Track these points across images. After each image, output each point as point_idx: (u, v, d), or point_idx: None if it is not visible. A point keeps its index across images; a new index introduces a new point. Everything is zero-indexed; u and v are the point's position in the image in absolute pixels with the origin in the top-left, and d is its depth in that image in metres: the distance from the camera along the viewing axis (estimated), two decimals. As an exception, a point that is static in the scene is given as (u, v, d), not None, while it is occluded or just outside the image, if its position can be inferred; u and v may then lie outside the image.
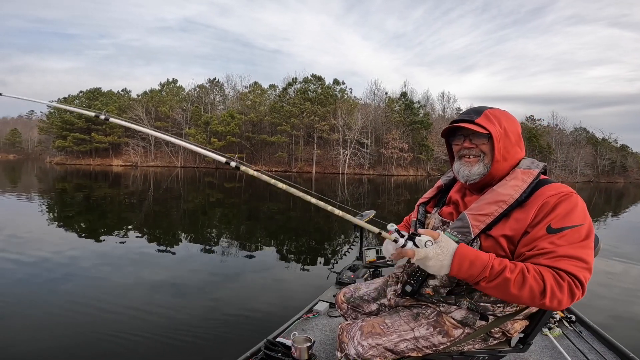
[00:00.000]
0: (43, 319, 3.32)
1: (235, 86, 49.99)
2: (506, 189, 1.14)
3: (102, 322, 3.28)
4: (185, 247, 6.33)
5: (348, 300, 1.55)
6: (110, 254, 5.63)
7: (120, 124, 1.27)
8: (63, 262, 5.07)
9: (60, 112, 45.96)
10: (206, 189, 19.61)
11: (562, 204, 1.06)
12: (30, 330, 3.09)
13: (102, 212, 10.46)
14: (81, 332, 3.10)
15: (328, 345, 2.07)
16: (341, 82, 45.40)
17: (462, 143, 1.23)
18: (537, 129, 46.74)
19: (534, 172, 1.16)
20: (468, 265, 1.02)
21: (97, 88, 48.40)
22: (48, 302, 3.70)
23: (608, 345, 2.11)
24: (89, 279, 4.44)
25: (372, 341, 1.21)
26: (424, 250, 1.03)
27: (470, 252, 1.04)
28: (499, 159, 1.17)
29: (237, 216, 10.73)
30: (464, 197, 1.30)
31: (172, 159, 44.17)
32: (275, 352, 1.81)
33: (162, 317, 3.48)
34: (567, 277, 0.99)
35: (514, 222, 1.09)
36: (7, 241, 6.15)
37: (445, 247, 1.04)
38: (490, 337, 1.26)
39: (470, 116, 1.21)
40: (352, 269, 2.99)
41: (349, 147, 41.04)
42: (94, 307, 3.60)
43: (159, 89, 47.91)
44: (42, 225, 7.78)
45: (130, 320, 3.38)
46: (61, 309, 3.53)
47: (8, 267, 4.79)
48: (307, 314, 2.42)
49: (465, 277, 1.04)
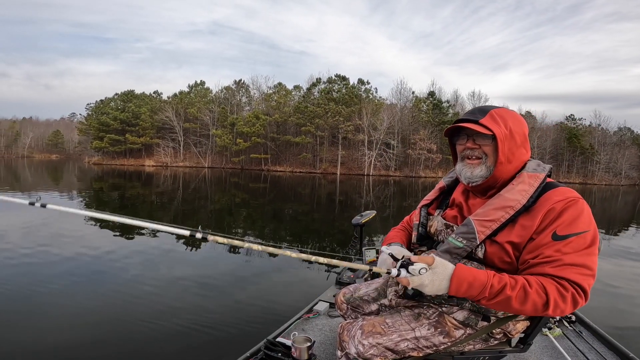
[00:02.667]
0: (70, 307, 3.49)
1: (260, 87, 50.81)
2: (513, 194, 1.10)
3: (105, 320, 3.34)
4: (203, 249, 6.42)
5: (348, 300, 1.54)
6: (126, 251, 5.82)
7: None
8: (96, 257, 5.31)
9: (98, 114, 48.55)
10: (232, 189, 19.99)
11: (568, 210, 1.04)
12: (64, 319, 3.33)
13: (135, 211, 10.89)
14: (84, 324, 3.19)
15: (328, 345, 2.08)
16: (366, 82, 44.97)
17: (465, 143, 1.20)
18: (578, 129, 44.02)
19: (541, 176, 1.13)
20: (466, 287, 1.02)
21: (130, 90, 50.67)
22: (78, 292, 3.87)
23: (608, 345, 2.11)
24: (95, 276, 4.60)
25: (372, 340, 1.20)
26: (418, 278, 1.02)
27: (468, 274, 1.03)
28: (503, 161, 1.14)
29: (261, 217, 10.83)
30: (468, 199, 1.27)
31: (200, 159, 45.49)
32: (275, 352, 1.80)
33: (162, 316, 3.51)
34: (571, 287, 0.98)
35: (520, 229, 1.07)
36: (52, 238, 6.56)
37: (442, 271, 1.03)
38: (491, 337, 1.25)
39: (475, 115, 1.18)
40: (352, 269, 2.96)
41: (375, 148, 40.49)
42: (96, 304, 3.69)
43: (188, 90, 49.50)
44: (81, 223, 8.21)
45: (131, 319, 3.42)
46: (88, 299, 3.68)
47: (52, 260, 5.11)
48: (307, 314, 2.43)
49: (465, 297, 1.04)
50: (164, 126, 46.01)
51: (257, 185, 22.66)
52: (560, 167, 41.88)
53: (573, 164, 41.55)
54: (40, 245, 5.91)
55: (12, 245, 5.86)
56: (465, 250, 1.13)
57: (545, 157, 40.32)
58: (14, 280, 4.34)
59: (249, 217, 10.69)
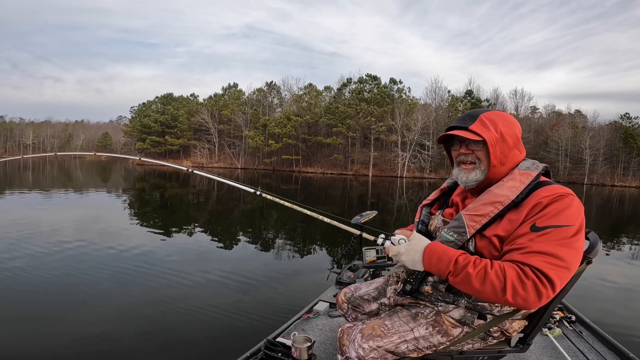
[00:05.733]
0: (106, 298, 3.62)
1: (291, 88, 51.42)
2: (503, 190, 1.14)
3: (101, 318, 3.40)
4: (203, 249, 6.44)
5: (348, 300, 1.57)
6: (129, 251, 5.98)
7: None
8: (134, 252, 5.52)
9: (140, 117, 51.53)
10: (263, 190, 20.27)
11: (553, 204, 1.05)
12: (104, 310, 3.52)
13: (173, 210, 11.36)
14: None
15: (328, 345, 2.08)
16: (398, 81, 44.02)
17: (459, 149, 1.23)
18: (634, 129, 40.14)
19: (533, 174, 1.15)
20: (436, 260, 1.10)
21: (169, 93, 53.38)
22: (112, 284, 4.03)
23: (608, 345, 2.11)
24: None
25: (372, 343, 1.21)
26: (397, 247, 1.17)
27: (439, 248, 1.12)
28: (496, 164, 1.17)
29: (291, 219, 10.84)
30: (465, 199, 1.32)
31: (234, 160, 46.86)
32: (275, 352, 1.81)
33: (162, 316, 3.52)
34: (533, 274, 0.97)
35: (507, 223, 1.10)
36: (100, 234, 6.97)
37: (416, 244, 1.16)
38: (489, 336, 1.26)
39: (465, 122, 1.21)
40: (352, 269, 3.00)
41: (409, 149, 39.45)
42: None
43: (222, 93, 51.18)
44: (125, 220, 8.68)
45: (133, 319, 3.45)
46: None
47: (98, 255, 5.42)
48: (307, 314, 2.43)
49: (436, 272, 1.11)
50: (200, 128, 47.93)
51: (288, 186, 22.87)
52: (615, 169, 38.33)
53: (629, 166, 37.82)
54: (91, 240, 6.26)
55: (69, 239, 6.28)
56: (456, 244, 1.15)
57: (598, 158, 37.17)
58: (69, 271, 4.63)
59: (279, 218, 10.75)
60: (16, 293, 3.99)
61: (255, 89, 50.40)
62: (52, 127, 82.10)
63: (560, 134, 39.35)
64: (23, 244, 5.99)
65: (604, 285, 4.96)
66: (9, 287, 4.14)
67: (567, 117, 45.26)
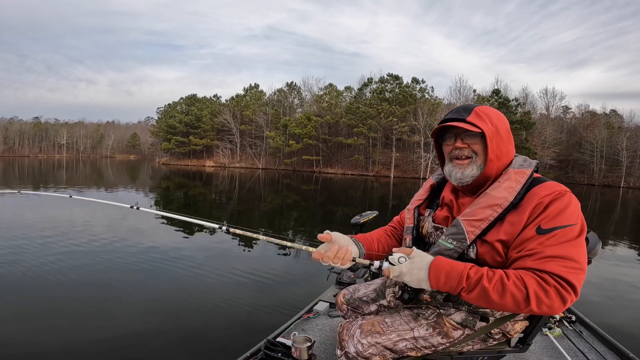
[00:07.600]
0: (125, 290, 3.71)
1: (311, 89, 51.57)
2: (500, 191, 1.10)
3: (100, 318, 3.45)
4: (202, 249, 6.42)
5: (347, 301, 1.56)
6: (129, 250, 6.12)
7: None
8: (132, 251, 5.70)
9: (166, 118, 53.25)
10: (284, 190, 20.48)
11: (554, 203, 1.03)
12: (129, 306, 3.64)
13: (196, 209, 11.66)
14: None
15: (328, 345, 2.08)
16: (421, 81, 43.20)
17: (454, 143, 1.18)
18: (674, 128, 37.58)
19: (527, 172, 1.12)
20: (445, 278, 1.03)
21: (193, 94, 54.87)
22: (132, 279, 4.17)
23: (608, 345, 2.10)
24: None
25: (371, 339, 1.20)
26: (398, 267, 1.07)
27: (445, 264, 1.05)
28: (493, 158, 1.13)
29: (310, 219, 10.86)
30: (458, 198, 1.26)
31: (255, 160, 47.54)
32: (275, 352, 1.81)
33: (162, 317, 3.53)
34: (553, 280, 0.95)
35: (508, 226, 1.06)
36: (128, 232, 7.26)
37: (419, 261, 1.07)
38: (489, 337, 1.24)
39: (460, 114, 1.16)
40: (352, 269, 2.97)
41: (432, 150, 38.72)
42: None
43: (243, 94, 52.05)
44: (151, 218, 8.98)
45: (133, 318, 3.47)
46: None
47: (122, 252, 5.61)
48: (307, 314, 2.43)
49: (446, 289, 1.04)
50: (223, 128, 48.93)
51: (309, 186, 22.94)
52: (655, 171, 35.98)
53: (671, 168, 35.39)
54: (118, 239, 6.53)
55: (97, 237, 6.57)
56: (456, 251, 1.12)
57: (636, 160, 34.99)
58: (96, 269, 4.82)
59: (299, 218, 10.80)
60: (47, 285, 4.18)
61: (276, 90, 50.96)
62: (85, 127, 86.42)
63: (595, 134, 37.31)
64: (58, 239, 6.31)
65: (605, 286, 4.87)
66: (42, 279, 4.35)
67: (602, 117, 42.89)
